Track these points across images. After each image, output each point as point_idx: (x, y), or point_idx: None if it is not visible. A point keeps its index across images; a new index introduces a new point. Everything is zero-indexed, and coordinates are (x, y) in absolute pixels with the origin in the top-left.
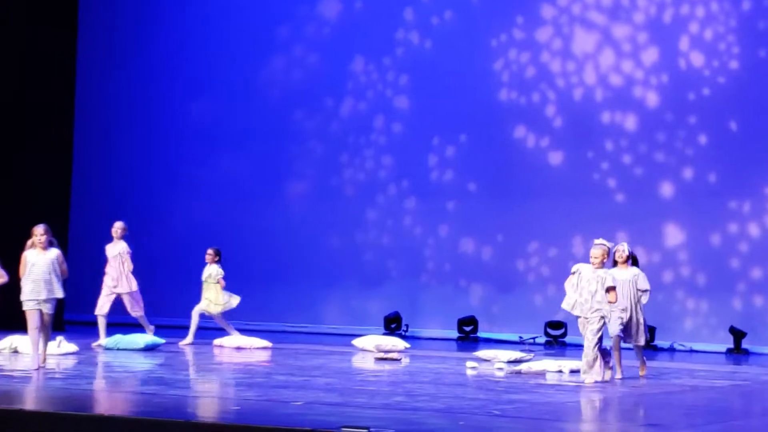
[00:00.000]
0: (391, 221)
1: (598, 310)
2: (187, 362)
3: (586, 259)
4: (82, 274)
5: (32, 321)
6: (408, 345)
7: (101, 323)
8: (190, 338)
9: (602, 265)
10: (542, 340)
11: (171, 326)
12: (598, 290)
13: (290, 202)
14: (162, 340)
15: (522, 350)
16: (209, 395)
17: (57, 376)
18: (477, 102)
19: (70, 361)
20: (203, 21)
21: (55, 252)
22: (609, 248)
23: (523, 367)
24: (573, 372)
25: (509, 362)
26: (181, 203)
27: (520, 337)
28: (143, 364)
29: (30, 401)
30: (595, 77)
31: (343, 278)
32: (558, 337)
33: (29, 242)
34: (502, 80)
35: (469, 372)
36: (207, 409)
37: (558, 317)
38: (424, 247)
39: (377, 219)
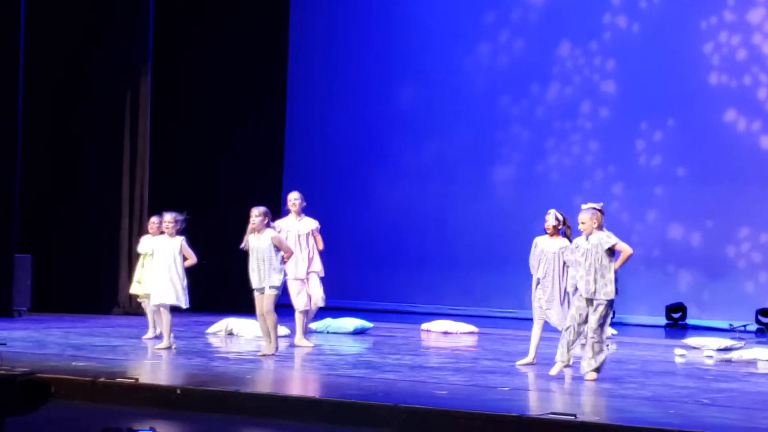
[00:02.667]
0: None
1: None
2: (395, 347)
3: None
4: None
5: (256, 307)
6: (615, 332)
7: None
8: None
9: (592, 229)
10: (753, 327)
11: (376, 310)
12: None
13: (496, 188)
14: (371, 325)
15: (732, 338)
16: (416, 380)
17: (270, 358)
18: (685, 86)
19: (282, 344)
20: (411, 7)
21: (269, 236)
22: (598, 209)
23: (734, 355)
24: None
25: (719, 350)
26: (388, 189)
27: (731, 325)
28: (352, 347)
29: (244, 383)
30: None
31: None
32: None
33: (251, 225)
34: (712, 63)
35: (678, 360)
36: (414, 394)
37: None
38: (631, 233)
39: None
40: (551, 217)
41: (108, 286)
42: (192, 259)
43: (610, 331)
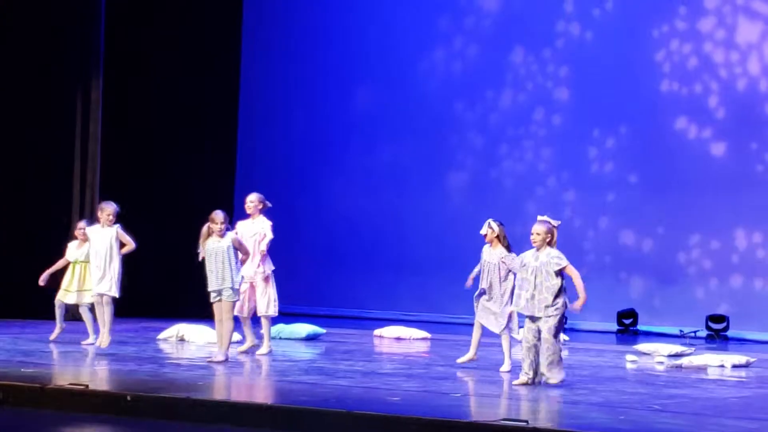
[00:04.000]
0: (550, 213)
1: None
2: (348, 353)
3: (749, 252)
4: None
5: (215, 313)
6: (567, 338)
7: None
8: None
9: (544, 244)
10: (703, 333)
11: (329, 316)
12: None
13: (449, 194)
14: (323, 330)
15: (683, 344)
16: (369, 386)
17: (222, 365)
18: (638, 93)
19: (233, 350)
20: (364, 13)
21: (229, 238)
22: (554, 226)
23: (684, 361)
24: (735, 367)
25: (670, 356)
26: (342, 194)
27: (681, 331)
28: (305, 353)
29: (195, 389)
30: (760, 67)
31: None
32: (720, 331)
33: (205, 229)
34: (664, 71)
35: (629, 365)
36: (366, 400)
37: (720, 311)
38: (583, 240)
39: (537, 211)
40: (484, 227)
41: (58, 291)
42: (130, 245)
43: (562, 337)
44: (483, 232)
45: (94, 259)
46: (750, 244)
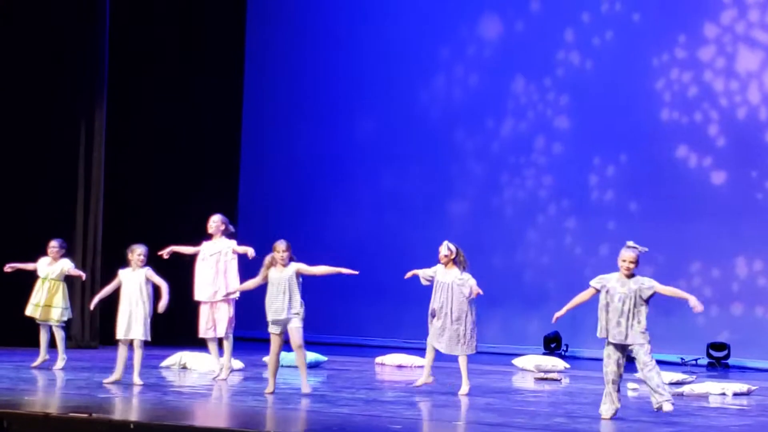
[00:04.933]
0: (551, 241)
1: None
2: (350, 380)
3: (750, 279)
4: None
5: (272, 344)
6: (568, 365)
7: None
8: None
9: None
10: (704, 361)
11: (330, 344)
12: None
13: (450, 222)
14: (325, 358)
15: (684, 372)
16: (371, 414)
17: (223, 392)
18: (638, 122)
19: (236, 378)
20: (366, 41)
21: (293, 267)
22: (641, 253)
23: (685, 389)
24: (737, 395)
25: (671, 384)
26: (344, 221)
27: (682, 359)
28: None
29: (199, 417)
30: (760, 96)
31: (503, 298)
32: (721, 359)
33: (268, 258)
34: (664, 100)
35: (630, 393)
36: (368, 428)
37: (721, 338)
38: (584, 267)
39: (537, 239)
40: (443, 248)
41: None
42: (163, 286)
43: (562, 364)
44: (445, 252)
45: (123, 302)
46: (751, 272)
